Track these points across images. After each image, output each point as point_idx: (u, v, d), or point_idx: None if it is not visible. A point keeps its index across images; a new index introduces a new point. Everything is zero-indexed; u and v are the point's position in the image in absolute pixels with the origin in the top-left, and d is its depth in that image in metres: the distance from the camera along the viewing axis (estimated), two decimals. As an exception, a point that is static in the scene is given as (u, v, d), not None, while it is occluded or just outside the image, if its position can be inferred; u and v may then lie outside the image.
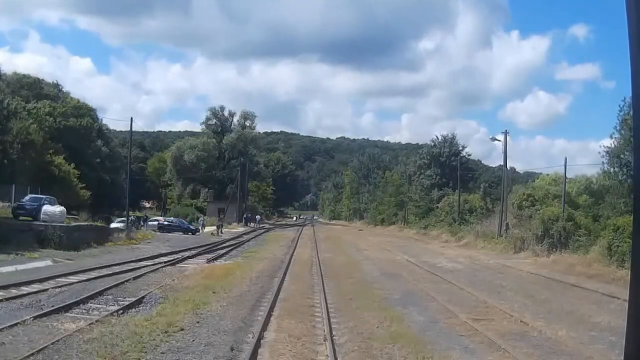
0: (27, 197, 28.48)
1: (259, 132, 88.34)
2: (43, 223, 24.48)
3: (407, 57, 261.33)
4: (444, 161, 62.99)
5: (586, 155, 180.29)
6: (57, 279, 14.99)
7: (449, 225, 47.39)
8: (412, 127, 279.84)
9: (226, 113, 78.90)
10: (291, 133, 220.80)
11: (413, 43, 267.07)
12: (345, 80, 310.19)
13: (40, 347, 7.58)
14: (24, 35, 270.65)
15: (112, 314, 10.38)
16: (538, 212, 31.54)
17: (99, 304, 11.86)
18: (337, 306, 12.58)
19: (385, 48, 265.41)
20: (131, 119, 36.77)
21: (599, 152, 30.60)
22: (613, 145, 29.02)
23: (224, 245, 32.19)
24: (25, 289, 13.00)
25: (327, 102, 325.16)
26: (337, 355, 8.10)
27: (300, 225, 76.48)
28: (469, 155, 67.37)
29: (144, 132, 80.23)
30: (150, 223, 45.26)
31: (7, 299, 11.43)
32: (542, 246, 27.94)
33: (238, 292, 14.01)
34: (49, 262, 19.35)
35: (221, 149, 75.87)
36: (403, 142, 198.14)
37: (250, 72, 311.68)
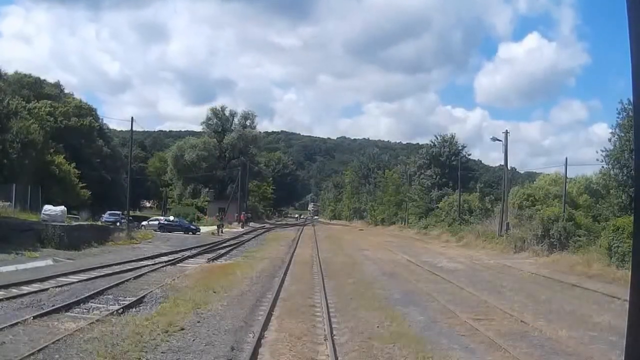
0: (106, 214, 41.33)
1: (260, 132, 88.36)
2: (43, 222, 24.49)
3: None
4: (443, 161, 62.95)
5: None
6: (58, 279, 14.99)
7: (449, 225, 47.41)
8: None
9: (227, 113, 79.04)
10: (291, 132, 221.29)
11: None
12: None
13: (41, 347, 7.58)
14: None
15: (112, 314, 10.38)
16: (538, 212, 31.54)
17: (100, 304, 11.86)
18: (337, 306, 12.58)
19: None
20: (132, 118, 36.85)
21: (598, 152, 30.55)
22: (612, 147, 29.00)
23: (224, 245, 32.17)
24: (25, 289, 13.00)
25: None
26: (337, 355, 8.09)
27: (301, 225, 76.45)
28: (468, 155, 67.51)
29: (144, 131, 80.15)
30: (151, 222, 45.48)
31: (7, 299, 11.43)
32: (542, 246, 27.95)
33: (239, 292, 14.01)
34: (49, 262, 19.36)
35: (222, 148, 75.88)
36: (404, 142, 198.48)
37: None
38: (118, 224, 38.26)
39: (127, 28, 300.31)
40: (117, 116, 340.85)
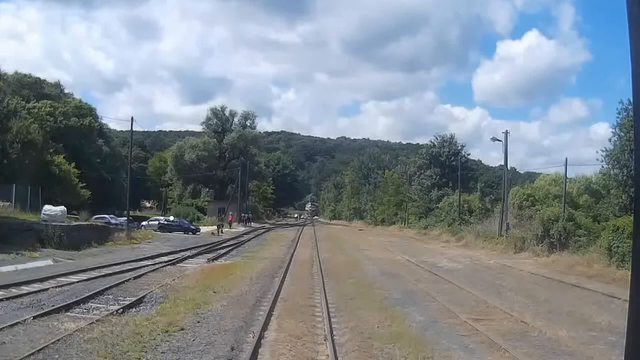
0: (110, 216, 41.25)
1: (260, 132, 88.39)
2: (43, 222, 24.47)
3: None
4: (443, 161, 62.96)
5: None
6: (58, 279, 15.00)
7: (449, 225, 47.39)
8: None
9: (227, 113, 79.05)
10: (291, 133, 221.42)
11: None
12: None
13: (41, 347, 7.59)
14: None
15: (112, 314, 10.38)
16: (538, 212, 31.53)
17: (100, 304, 11.85)
18: (337, 306, 12.57)
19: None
20: (132, 118, 36.87)
21: (598, 152, 30.58)
22: (612, 147, 29.02)
23: (224, 245, 32.16)
24: (25, 289, 13.01)
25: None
26: (337, 355, 8.08)
27: (301, 225, 76.46)
28: (468, 154, 67.52)
29: (144, 131, 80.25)
30: (151, 222, 45.52)
31: (7, 299, 11.44)
32: (542, 246, 27.93)
33: (238, 292, 14.01)
34: (49, 262, 19.35)
35: (222, 148, 75.89)
36: (404, 142, 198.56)
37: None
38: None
39: (122, 26, 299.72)
40: (113, 115, 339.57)
